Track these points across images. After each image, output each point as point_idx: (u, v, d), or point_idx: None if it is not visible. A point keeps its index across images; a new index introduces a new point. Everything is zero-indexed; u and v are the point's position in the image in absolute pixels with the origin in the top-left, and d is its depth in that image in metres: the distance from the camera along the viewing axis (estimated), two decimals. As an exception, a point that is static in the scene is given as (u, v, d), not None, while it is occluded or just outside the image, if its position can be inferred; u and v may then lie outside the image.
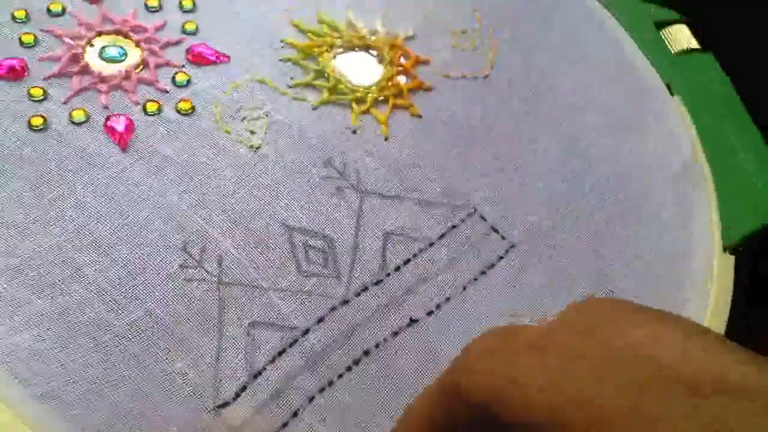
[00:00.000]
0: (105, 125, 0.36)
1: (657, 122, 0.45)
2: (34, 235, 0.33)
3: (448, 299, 0.36)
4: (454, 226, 0.38)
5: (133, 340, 0.32)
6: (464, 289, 0.37)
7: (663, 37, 0.49)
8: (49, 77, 0.37)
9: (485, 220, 0.39)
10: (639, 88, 0.46)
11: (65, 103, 0.37)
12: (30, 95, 0.36)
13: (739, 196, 0.43)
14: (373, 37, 0.43)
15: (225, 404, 0.31)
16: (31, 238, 0.33)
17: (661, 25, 0.49)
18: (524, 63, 0.45)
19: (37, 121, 0.36)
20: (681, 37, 0.49)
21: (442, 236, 0.38)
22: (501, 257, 0.38)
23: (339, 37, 0.42)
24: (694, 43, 0.49)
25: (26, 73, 0.37)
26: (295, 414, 0.32)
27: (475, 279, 0.37)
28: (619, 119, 0.45)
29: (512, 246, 0.39)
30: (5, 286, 0.32)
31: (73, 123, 0.36)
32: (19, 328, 0.31)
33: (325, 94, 0.40)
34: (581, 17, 0.48)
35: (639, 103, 0.46)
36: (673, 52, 0.48)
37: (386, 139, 0.40)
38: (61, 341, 0.31)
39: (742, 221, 0.43)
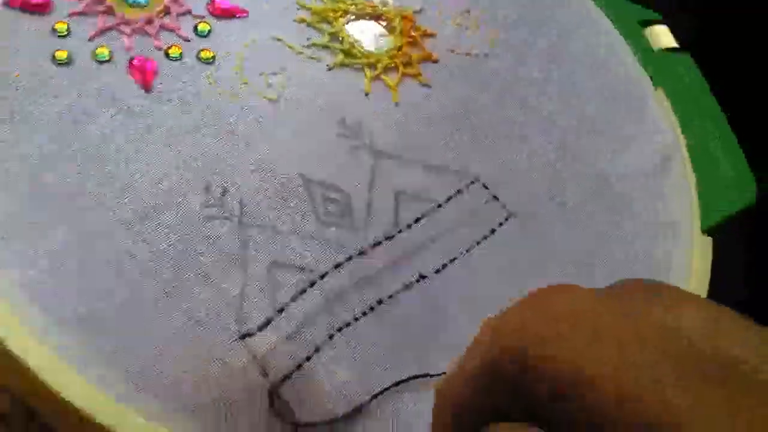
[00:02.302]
0: (129, 65, 0.36)
1: (642, 111, 0.48)
2: (56, 164, 0.33)
3: (453, 260, 0.38)
4: (459, 192, 0.40)
5: (158, 270, 0.32)
6: (467, 251, 0.38)
7: (646, 35, 0.52)
8: (74, 14, 0.37)
9: (487, 188, 0.41)
10: (626, 79, 0.49)
11: (90, 40, 0.37)
12: (55, 30, 0.36)
13: (714, 183, 0.47)
14: (384, 8, 0.44)
15: (249, 334, 0.32)
16: (54, 169, 0.33)
17: (645, 24, 0.52)
18: (529, 40, 0.47)
19: (62, 55, 0.35)
20: (662, 36, 0.52)
21: (448, 200, 0.39)
22: (501, 224, 0.40)
23: (353, 4, 0.44)
24: (673, 43, 0.52)
25: (52, 8, 0.37)
26: (317, 349, 0.33)
27: (477, 243, 0.39)
28: (609, 108, 0.47)
29: (511, 215, 0.40)
30: (28, 213, 0.32)
31: (97, 60, 0.36)
32: (42, 255, 0.31)
33: (340, 56, 0.41)
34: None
35: (627, 91, 0.48)
36: (654, 49, 0.51)
37: (396, 104, 0.41)
38: (85, 269, 0.31)
39: (718, 206, 0.46)
